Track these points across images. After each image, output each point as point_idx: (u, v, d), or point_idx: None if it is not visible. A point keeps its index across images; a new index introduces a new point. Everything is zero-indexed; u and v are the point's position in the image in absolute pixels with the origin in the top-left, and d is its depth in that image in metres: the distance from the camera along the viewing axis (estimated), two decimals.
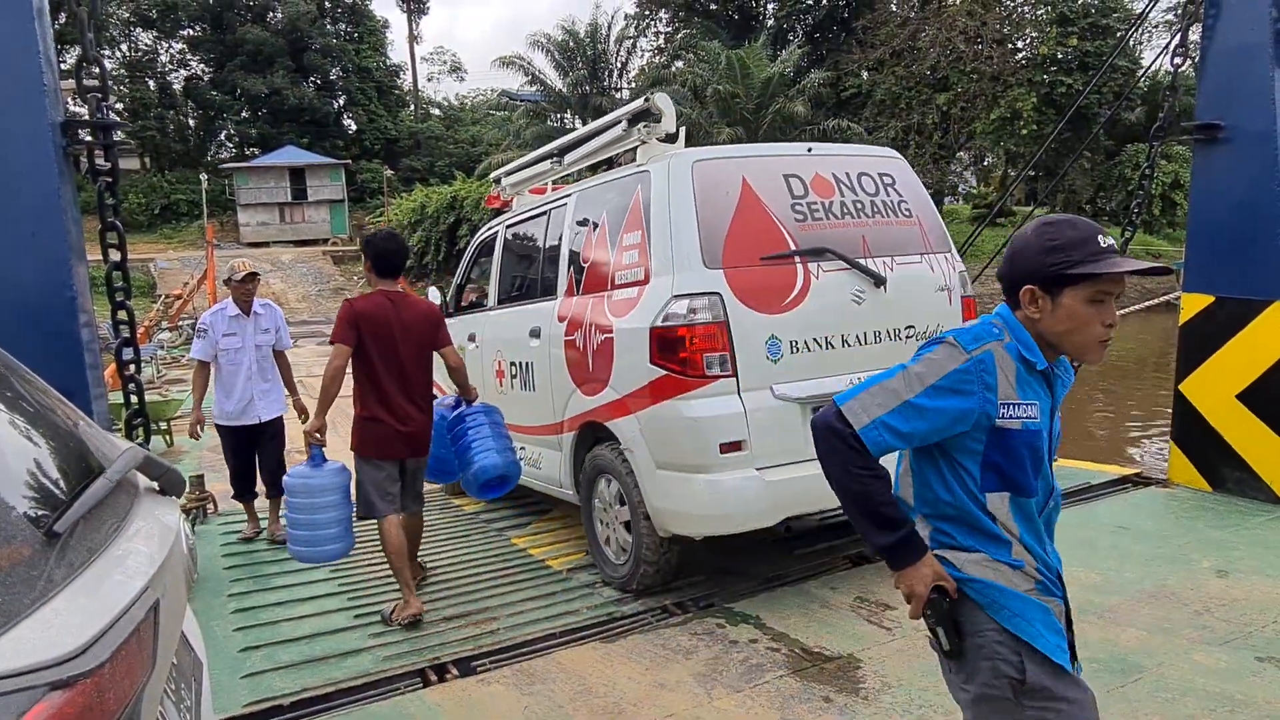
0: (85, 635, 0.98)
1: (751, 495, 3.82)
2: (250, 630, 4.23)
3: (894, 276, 4.20)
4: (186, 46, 50.18)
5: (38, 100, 3.57)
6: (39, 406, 1.42)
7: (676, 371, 3.84)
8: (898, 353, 4.09)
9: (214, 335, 5.57)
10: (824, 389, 3.91)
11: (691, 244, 3.89)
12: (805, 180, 4.21)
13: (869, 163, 4.54)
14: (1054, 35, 31.42)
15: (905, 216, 4.42)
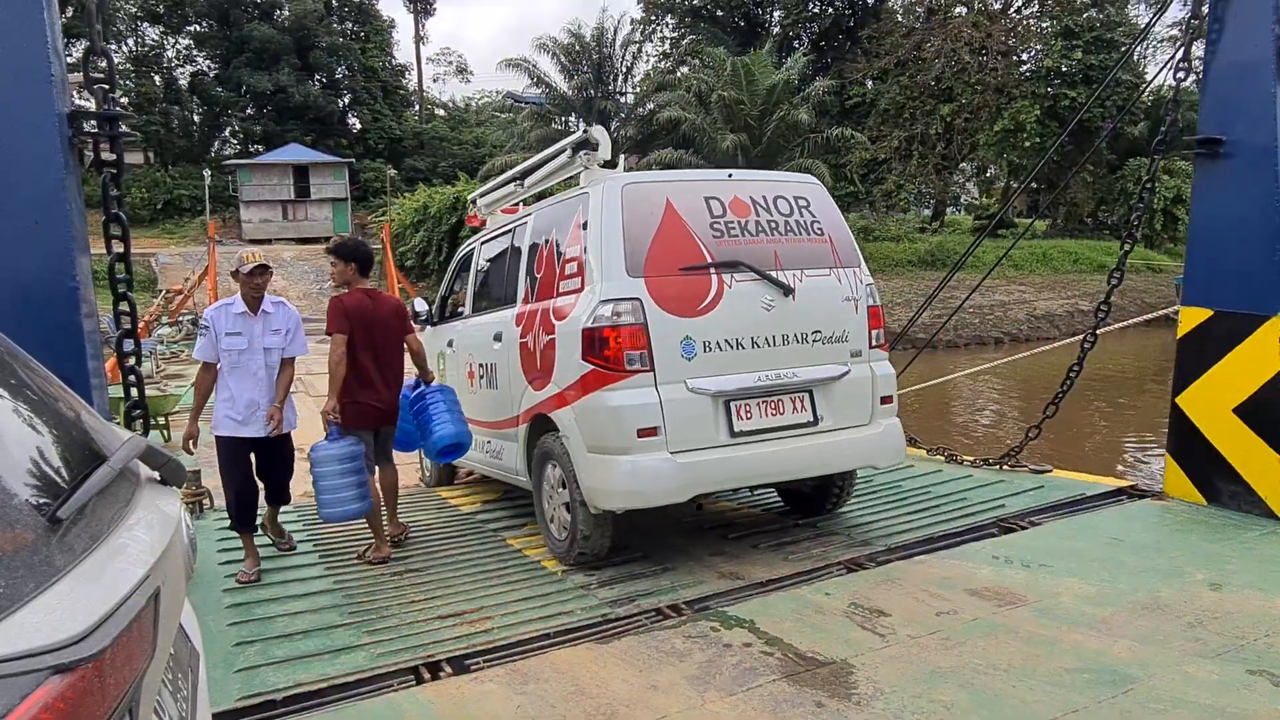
0: (87, 621, 0.99)
1: (666, 475, 4.35)
2: (245, 625, 4.23)
3: (802, 287, 4.73)
4: (193, 42, 50.26)
5: (44, 90, 3.59)
6: (42, 394, 1.43)
7: (602, 366, 4.39)
8: (803, 354, 4.71)
9: (216, 334, 4.88)
10: (733, 384, 4.51)
11: (618, 255, 4.45)
12: (724, 202, 4.76)
13: (785, 187, 5.07)
14: (1059, 48, 31.51)
15: (817, 235, 4.94)
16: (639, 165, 39.32)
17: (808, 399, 4.74)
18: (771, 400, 4.65)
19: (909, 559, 4.68)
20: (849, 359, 4.86)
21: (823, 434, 4.73)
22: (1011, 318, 25.70)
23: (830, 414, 4.77)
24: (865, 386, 4.89)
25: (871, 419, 4.91)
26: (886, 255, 29.16)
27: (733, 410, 4.54)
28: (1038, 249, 30.76)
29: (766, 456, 4.58)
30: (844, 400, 4.81)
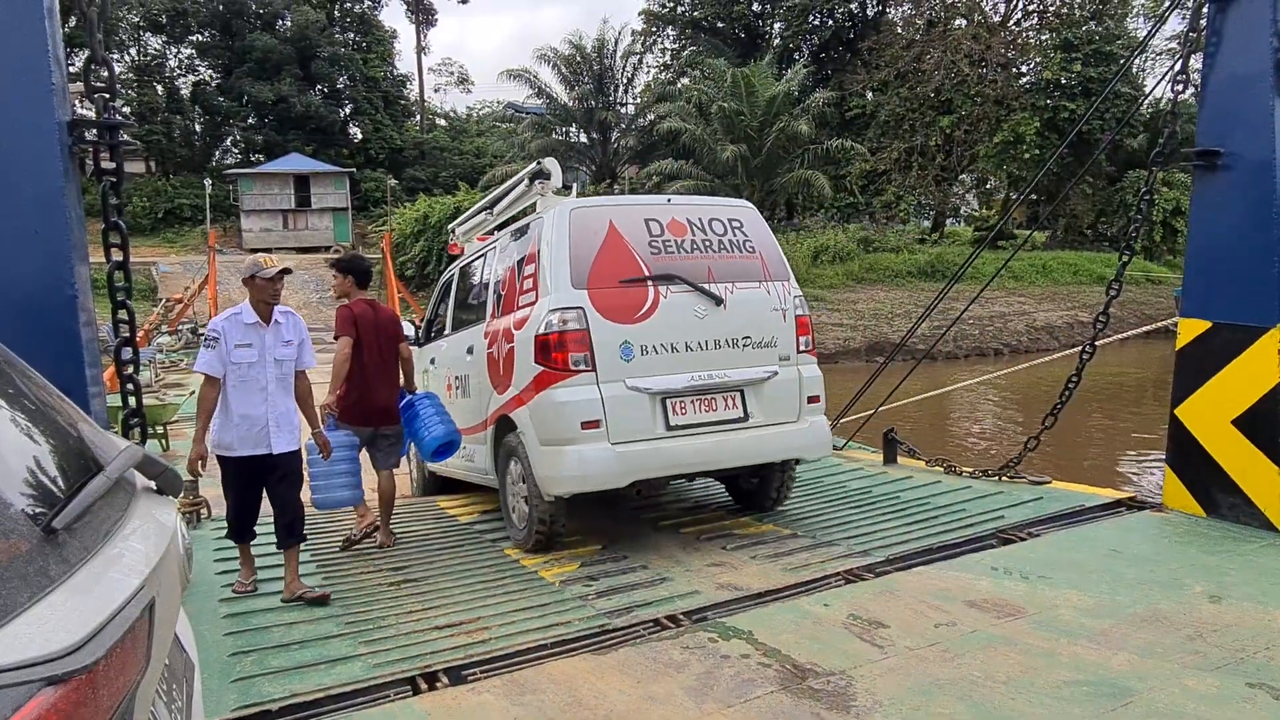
0: (81, 632, 0.99)
1: (607, 463, 4.88)
2: (240, 635, 4.22)
3: (733, 298, 5.27)
4: (195, 52, 50.48)
5: (45, 98, 3.60)
6: (40, 403, 1.43)
7: (551, 368, 4.92)
8: (734, 357, 5.23)
9: (225, 345, 4.56)
10: (669, 384, 5.04)
11: (564, 270, 5.01)
12: (663, 223, 5.32)
13: (720, 210, 5.69)
14: (1058, 60, 31.65)
15: (748, 253, 5.49)
16: (639, 176, 39.44)
17: (739, 397, 5.25)
18: (705, 398, 5.16)
19: (908, 570, 4.67)
20: (777, 362, 5.36)
21: (753, 429, 5.24)
22: (1011, 329, 25.71)
23: (760, 411, 5.28)
24: (793, 387, 5.40)
25: (799, 416, 5.43)
26: (886, 266, 29.18)
27: (669, 406, 5.06)
28: (1037, 260, 30.80)
29: (700, 448, 5.09)
30: (772, 399, 5.31)
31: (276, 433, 4.64)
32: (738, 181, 33.12)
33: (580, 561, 5.16)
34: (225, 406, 4.61)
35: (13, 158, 3.53)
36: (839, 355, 23.28)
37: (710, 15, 43.02)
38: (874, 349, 22.43)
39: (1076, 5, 33.97)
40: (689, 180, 33.09)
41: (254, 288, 4.65)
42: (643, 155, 40.14)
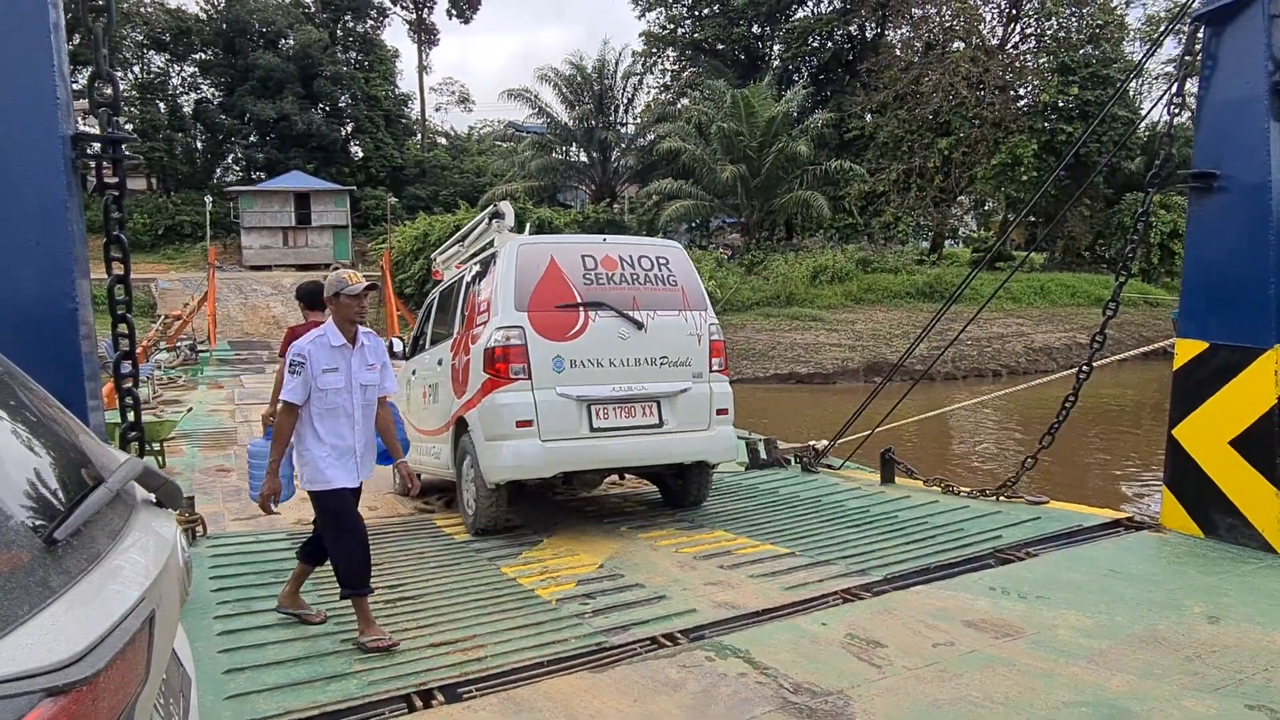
0: (82, 643, 0.99)
1: (537, 456, 5.80)
2: (236, 652, 4.19)
3: (653, 324, 6.15)
4: (198, 70, 50.78)
5: (50, 112, 3.62)
6: (41, 415, 1.44)
7: (494, 375, 5.83)
8: (653, 374, 6.13)
9: (311, 370, 4.21)
10: (594, 393, 5.93)
11: (509, 296, 5.93)
12: (597, 259, 6.23)
13: (649, 249, 6.57)
14: (1055, 84, 31.89)
15: (670, 286, 6.39)
16: (639, 195, 39.62)
17: (655, 407, 6.12)
18: (625, 406, 6.05)
19: (906, 589, 4.66)
20: (691, 379, 6.25)
21: (666, 434, 6.13)
22: (1009, 350, 25.75)
23: (673, 419, 6.16)
24: (704, 401, 6.27)
25: (709, 425, 6.29)
26: (885, 287, 29.27)
27: (593, 411, 5.96)
28: (1035, 282, 30.90)
29: (618, 447, 6.01)
30: (685, 409, 6.19)
31: (363, 464, 4.37)
32: (737, 201, 33.28)
33: (577, 580, 5.14)
34: (313, 437, 4.26)
35: (16, 170, 3.55)
36: (837, 376, 23.30)
37: (710, 37, 43.37)
38: (872, 369, 22.44)
39: (1073, 29, 34.27)
40: (688, 200, 33.25)
41: (339, 306, 4.27)
42: (642, 175, 40.37)
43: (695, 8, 43.54)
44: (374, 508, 7.81)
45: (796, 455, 8.67)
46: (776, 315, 26.97)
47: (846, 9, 39.96)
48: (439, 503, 7.75)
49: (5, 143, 3.51)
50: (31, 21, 3.56)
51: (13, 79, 3.55)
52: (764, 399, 21.27)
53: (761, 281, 29.23)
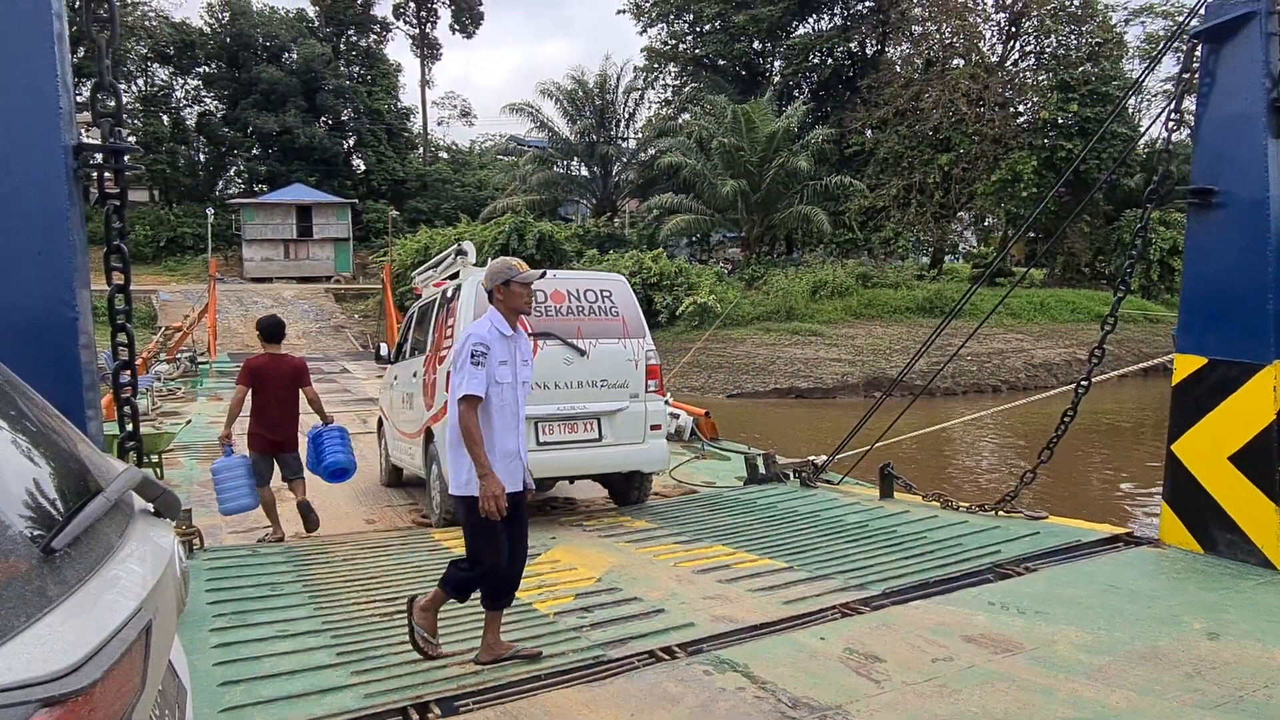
0: (78, 653, 0.99)
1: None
2: (231, 665, 4.17)
3: (595, 350, 6.96)
4: (202, 83, 51.07)
5: (52, 121, 3.64)
6: (40, 425, 1.45)
7: None
8: (594, 394, 6.95)
9: (492, 361, 3.85)
10: (541, 411, 6.65)
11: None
12: (546, 293, 6.92)
13: (595, 283, 7.32)
14: (1055, 101, 32.03)
15: (612, 316, 7.15)
16: (640, 209, 39.74)
17: (595, 423, 6.95)
18: (568, 422, 6.87)
19: (904, 604, 4.64)
20: (628, 399, 7.05)
21: (605, 447, 6.97)
22: (1009, 366, 25.75)
23: (612, 434, 6.99)
24: (639, 418, 7.08)
25: (644, 439, 7.10)
26: (885, 302, 29.29)
27: (539, 428, 6.74)
28: (1035, 298, 30.94)
29: (562, 458, 6.85)
30: (622, 425, 7.01)
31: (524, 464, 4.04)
32: (737, 216, 33.38)
33: (575, 594, 5.13)
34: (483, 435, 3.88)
35: (18, 179, 3.56)
36: (836, 390, 23.28)
37: (712, 53, 43.61)
38: (872, 384, 22.43)
39: (1073, 47, 34.44)
40: (688, 214, 33.35)
41: (508, 294, 3.94)
42: (643, 189, 40.51)
43: (697, 24, 43.79)
44: (371, 520, 7.80)
45: (795, 470, 8.66)
46: (776, 330, 26.99)
47: (847, 26, 40.20)
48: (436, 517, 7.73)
49: (7, 152, 3.52)
50: (34, 32, 3.58)
51: (15, 88, 3.57)
52: (763, 414, 21.25)
53: (761, 296, 29.27)
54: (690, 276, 29.35)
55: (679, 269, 29.72)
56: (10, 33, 3.55)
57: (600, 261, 30.66)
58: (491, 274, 4.02)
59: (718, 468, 10.00)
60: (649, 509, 7.74)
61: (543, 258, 31.45)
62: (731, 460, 10.21)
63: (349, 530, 7.41)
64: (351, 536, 7.10)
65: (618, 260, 29.83)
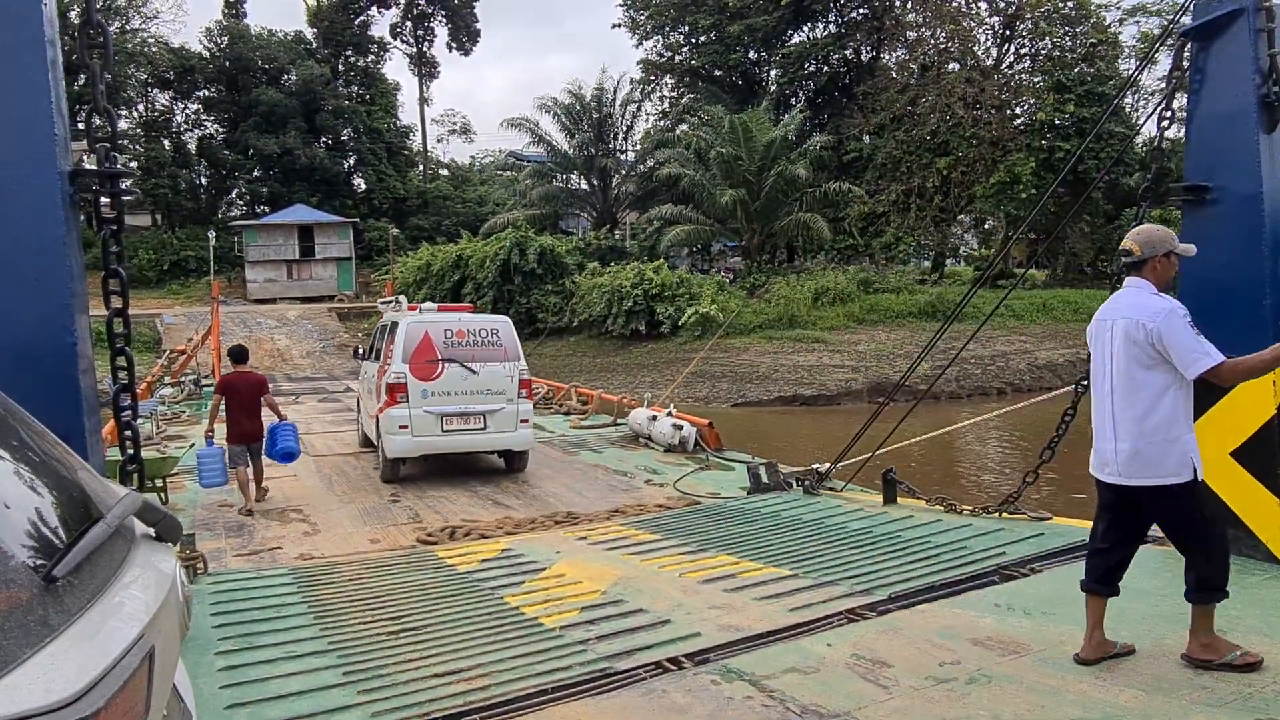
0: (81, 682, 1.00)
1: (409, 444, 9.94)
2: (238, 687, 4.18)
3: (484, 370, 10.10)
4: (202, 107, 51.35)
5: (48, 148, 3.67)
6: (42, 454, 1.47)
7: (390, 399, 9.87)
8: (482, 399, 10.06)
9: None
10: (445, 409, 9.88)
11: (399, 354, 9.92)
12: (452, 331, 10.20)
13: (487, 324, 10.72)
14: (1051, 102, 32.05)
15: (497, 346, 10.32)
16: (640, 220, 39.82)
17: (483, 417, 10.12)
18: (464, 417, 10.05)
19: (911, 608, 4.64)
20: (505, 402, 10.17)
21: (488, 433, 10.22)
22: (1013, 368, 25.69)
23: (494, 425, 10.18)
24: (513, 414, 10.24)
25: (516, 428, 10.30)
26: (887, 307, 29.26)
27: (443, 420, 9.95)
28: (1038, 299, 30.88)
29: (459, 440, 10.15)
30: (501, 419, 10.18)
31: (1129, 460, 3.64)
32: (737, 225, 33.43)
33: (580, 607, 5.13)
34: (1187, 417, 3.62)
35: (15, 207, 3.58)
36: (840, 397, 23.24)
37: (708, 63, 43.76)
38: (876, 390, 22.39)
39: (1067, 48, 34.49)
40: (689, 225, 33.40)
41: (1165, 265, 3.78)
42: (643, 200, 40.59)
43: (692, 35, 43.95)
44: (375, 540, 7.81)
45: (798, 479, 8.65)
46: (779, 338, 26.98)
47: (842, 34, 40.31)
48: (443, 534, 7.75)
49: (2, 179, 3.55)
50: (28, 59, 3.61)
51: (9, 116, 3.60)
52: (767, 422, 21.23)
53: (763, 304, 29.26)
54: (692, 287, 29.35)
55: (680, 279, 29.72)
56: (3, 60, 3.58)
57: (601, 274, 30.70)
58: (1154, 242, 3.78)
59: (722, 478, 10.00)
60: (652, 520, 7.74)
61: (544, 271, 31.50)
62: (736, 470, 10.21)
63: (353, 550, 7.42)
64: (356, 556, 7.11)
65: (619, 272, 29.85)
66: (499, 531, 7.80)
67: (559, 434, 14.12)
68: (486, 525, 8.08)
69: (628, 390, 21.36)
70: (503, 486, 10.03)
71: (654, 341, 28.24)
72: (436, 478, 10.57)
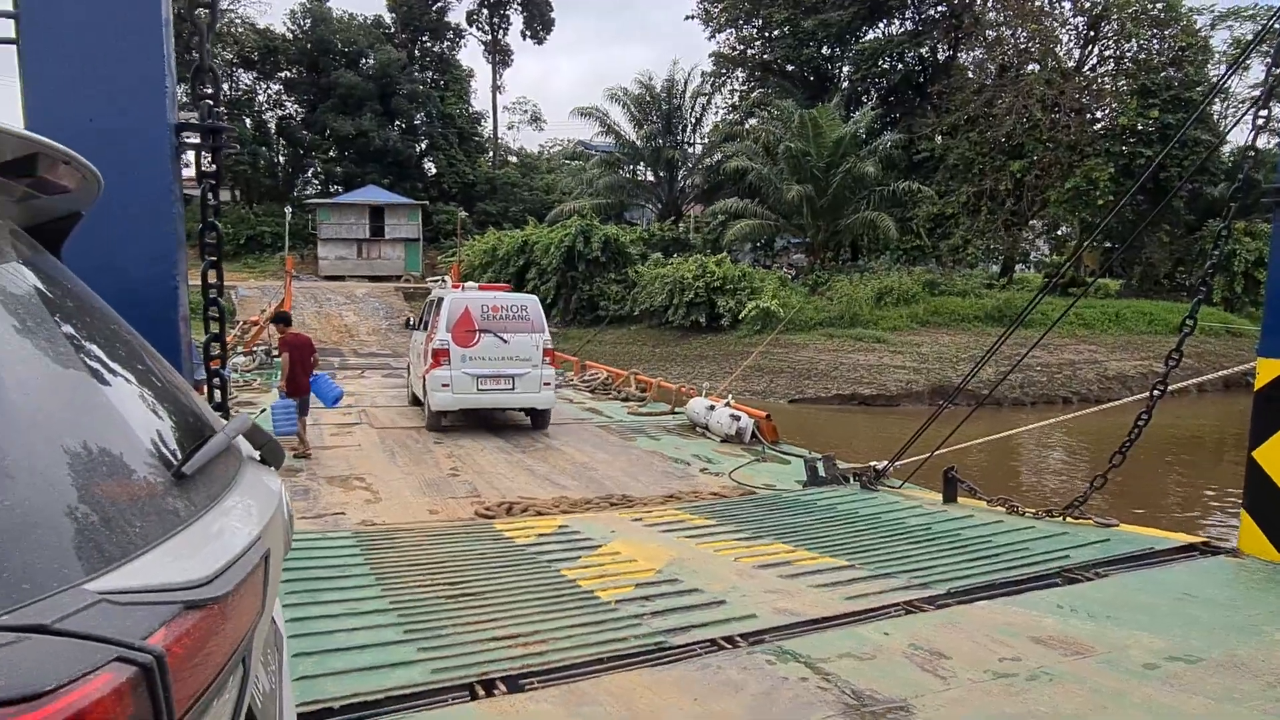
0: (212, 566, 1.08)
1: (449, 400, 11.93)
2: (304, 638, 4.31)
3: (514, 340, 11.93)
4: (283, 88, 52.66)
5: (159, 102, 3.85)
6: (163, 379, 1.57)
7: (435, 362, 11.83)
8: (511, 364, 11.90)
9: None
10: (481, 371, 11.79)
11: (444, 324, 11.84)
12: (488, 306, 12.05)
13: (518, 301, 12.42)
14: (1134, 107, 31.02)
15: (525, 320, 12.11)
16: (704, 214, 39.72)
17: (512, 379, 11.92)
18: (495, 379, 11.85)
19: (970, 604, 4.59)
20: (531, 367, 11.99)
21: (516, 393, 12.05)
22: (1081, 377, 25.01)
23: (520, 386, 11.99)
24: (537, 378, 12.04)
25: (539, 390, 12.11)
26: (952, 310, 28.72)
27: (479, 380, 11.78)
28: (1110, 308, 29.98)
29: (491, 398, 12.02)
30: (527, 381, 11.99)
31: None
32: (802, 221, 33.11)
33: (635, 584, 5.19)
34: None
35: (130, 154, 3.77)
36: (900, 398, 22.92)
37: (780, 58, 43.34)
38: (937, 392, 22.02)
39: (1154, 51, 33.32)
40: (753, 219, 33.21)
41: None
42: (708, 194, 40.47)
43: (765, 29, 43.55)
44: (435, 511, 7.98)
45: (855, 474, 8.59)
46: (840, 336, 26.69)
47: (918, 31, 39.56)
48: (500, 509, 7.89)
49: (122, 129, 3.73)
50: (147, 15, 3.80)
51: (130, 72, 3.78)
52: (825, 419, 21.05)
53: (825, 302, 28.96)
54: (753, 281, 29.20)
55: (742, 273, 29.59)
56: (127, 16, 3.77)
57: (664, 265, 30.73)
58: None
59: (778, 471, 9.97)
60: (707, 507, 7.77)
61: (608, 260, 31.65)
62: (792, 464, 10.17)
63: (413, 519, 7.60)
64: (416, 525, 7.28)
65: (681, 264, 29.85)
66: (555, 509, 7.91)
67: (616, 420, 14.21)
68: (543, 503, 8.20)
69: (686, 380, 21.39)
70: (559, 467, 10.15)
71: (713, 334, 28.19)
72: (493, 455, 10.75)
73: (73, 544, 0.94)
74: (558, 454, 10.95)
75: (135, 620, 0.88)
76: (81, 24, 3.69)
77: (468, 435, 12.08)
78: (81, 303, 1.45)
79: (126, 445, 1.18)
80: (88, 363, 1.28)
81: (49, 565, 0.88)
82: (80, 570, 0.91)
